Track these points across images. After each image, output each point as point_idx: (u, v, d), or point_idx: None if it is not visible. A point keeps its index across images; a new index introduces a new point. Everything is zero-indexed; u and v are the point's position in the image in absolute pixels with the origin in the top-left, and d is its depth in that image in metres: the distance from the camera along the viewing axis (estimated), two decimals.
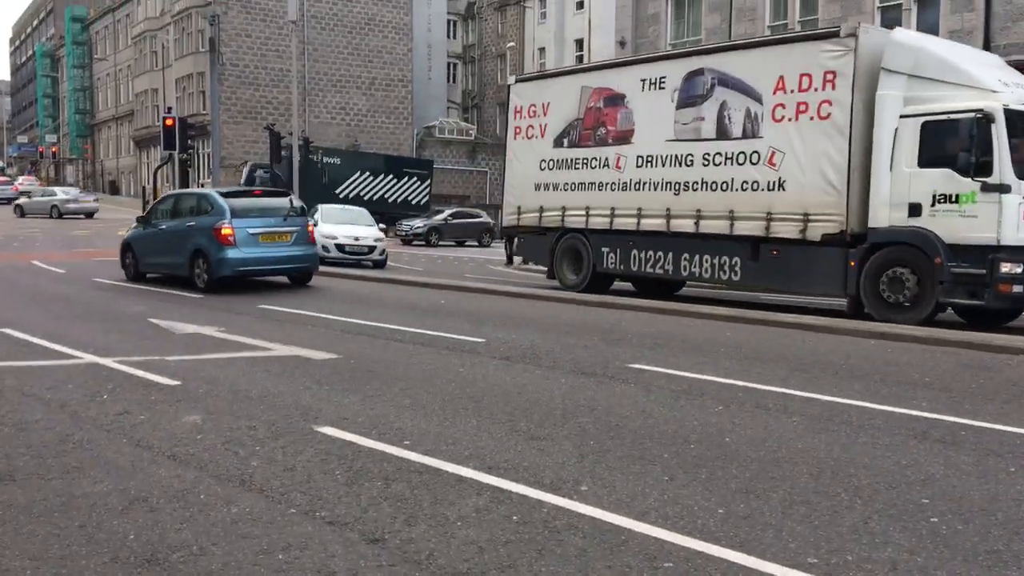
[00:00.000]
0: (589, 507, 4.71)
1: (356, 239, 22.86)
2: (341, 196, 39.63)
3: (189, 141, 28.90)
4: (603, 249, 16.55)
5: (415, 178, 44.26)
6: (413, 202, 43.45)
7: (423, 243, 37.81)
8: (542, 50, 61.27)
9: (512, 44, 59.81)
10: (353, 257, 22.59)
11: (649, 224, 15.62)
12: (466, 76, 71.74)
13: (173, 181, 52.40)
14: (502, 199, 19.13)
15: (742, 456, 5.65)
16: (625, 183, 16.01)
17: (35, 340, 9.82)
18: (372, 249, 23.01)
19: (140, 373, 8.08)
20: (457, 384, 7.79)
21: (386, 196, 43.07)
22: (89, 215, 46.31)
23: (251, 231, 15.04)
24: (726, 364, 8.92)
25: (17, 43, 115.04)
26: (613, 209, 16.21)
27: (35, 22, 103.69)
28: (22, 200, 49.06)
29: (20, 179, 71.47)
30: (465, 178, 63.80)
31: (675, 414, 6.76)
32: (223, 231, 14.80)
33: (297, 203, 16.83)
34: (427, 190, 44.15)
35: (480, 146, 64.42)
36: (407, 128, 61.34)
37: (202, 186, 47.33)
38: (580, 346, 9.91)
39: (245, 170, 42.53)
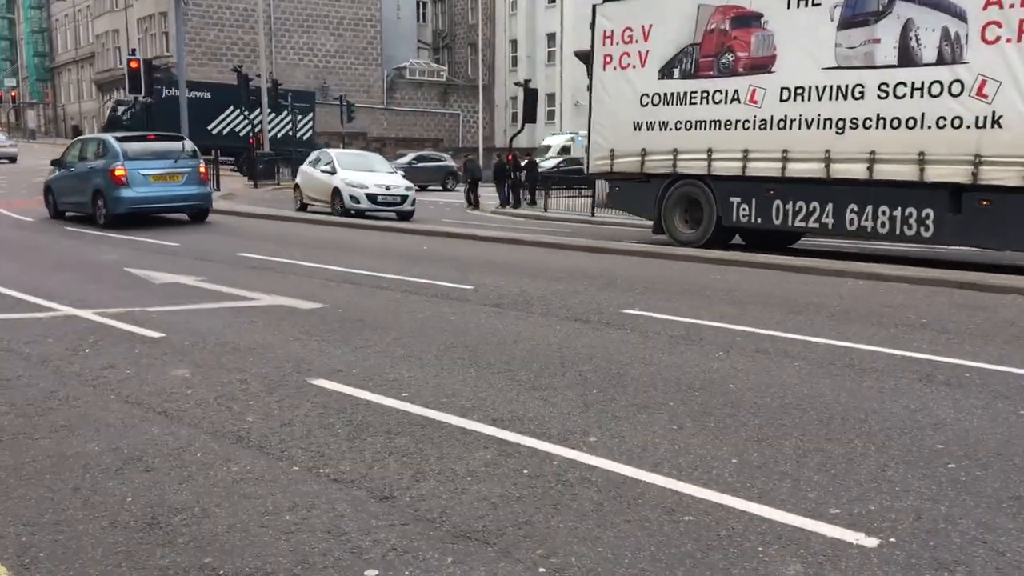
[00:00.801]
0: (600, 459, 4.60)
1: (387, 188, 20.81)
2: (214, 133, 37.44)
3: (155, 84, 28.01)
4: (732, 199, 14.20)
5: (297, 112, 40.64)
6: (298, 137, 39.68)
7: None
8: None
9: None
10: (386, 208, 20.78)
11: (799, 169, 13.21)
12: (436, 15, 70.19)
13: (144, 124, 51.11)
14: (588, 140, 16.69)
15: (748, 403, 5.57)
16: (764, 121, 13.57)
17: (8, 292, 9.50)
18: (404, 199, 21.02)
19: (121, 325, 7.83)
20: (450, 333, 7.63)
21: (220, 130, 39.48)
22: (12, 159, 45.65)
23: (143, 172, 16.51)
24: (720, 308, 8.83)
25: None
26: (746, 152, 13.79)
27: None
28: None
29: None
30: (437, 121, 62.94)
31: (676, 360, 6.66)
32: (116, 172, 16.34)
33: (189, 146, 17.82)
34: (310, 124, 40.69)
35: (451, 88, 63.45)
36: (376, 69, 60.16)
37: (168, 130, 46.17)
38: (571, 292, 9.76)
39: (108, 106, 39.98)
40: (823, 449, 4.73)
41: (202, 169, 17.73)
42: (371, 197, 20.45)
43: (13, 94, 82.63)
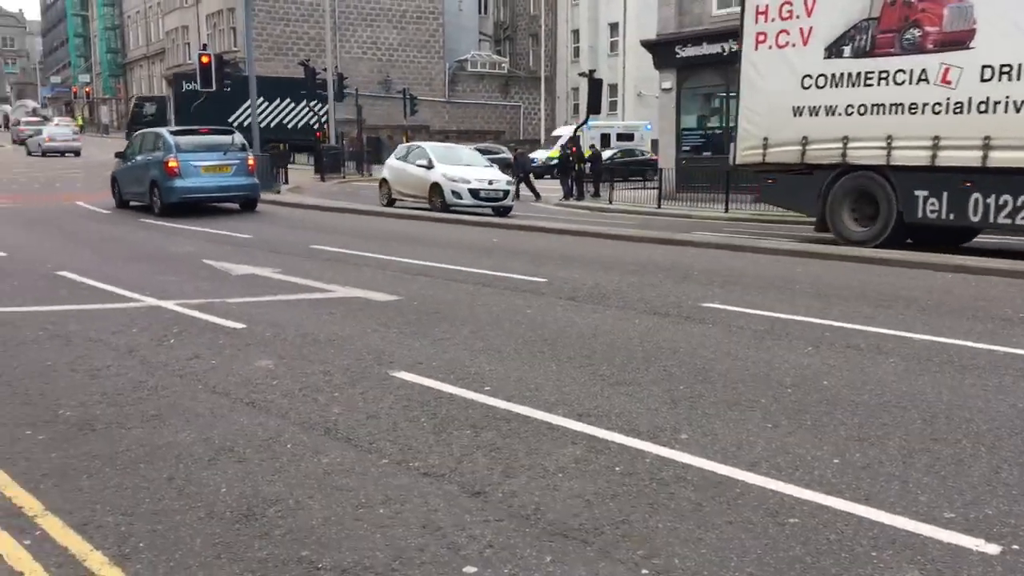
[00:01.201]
0: (693, 457, 4.47)
1: (490, 183, 19.70)
2: (235, 124, 36.19)
3: (225, 79, 28.41)
4: (918, 192, 12.55)
5: (314, 100, 40.19)
6: (315, 126, 39.30)
7: None
8: None
9: None
10: (489, 204, 19.58)
11: (1007, 159, 11.61)
12: (498, 7, 70.14)
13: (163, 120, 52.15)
14: (735, 131, 15.39)
15: (845, 400, 5.37)
16: (959, 104, 11.94)
17: (91, 282, 9.70)
18: (507, 193, 20.12)
19: (203, 316, 7.93)
20: (527, 326, 7.55)
21: (284, 122, 39.76)
22: (76, 153, 46.74)
23: (195, 164, 17.45)
24: (805, 302, 8.59)
25: None
26: (936, 139, 12.19)
27: None
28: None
29: (56, 119, 71.45)
30: (498, 113, 62.94)
31: (763, 356, 6.47)
32: (170, 164, 17.33)
33: (239, 140, 18.95)
34: (325, 114, 41.37)
35: (513, 80, 63.36)
36: (439, 62, 60.39)
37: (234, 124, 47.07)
38: (647, 285, 9.60)
39: (132, 103, 40.45)
40: (930, 450, 4.53)
41: (250, 161, 18.53)
42: (474, 192, 19.42)
43: (87, 90, 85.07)
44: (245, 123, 37.61)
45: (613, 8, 56.16)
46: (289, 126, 38.65)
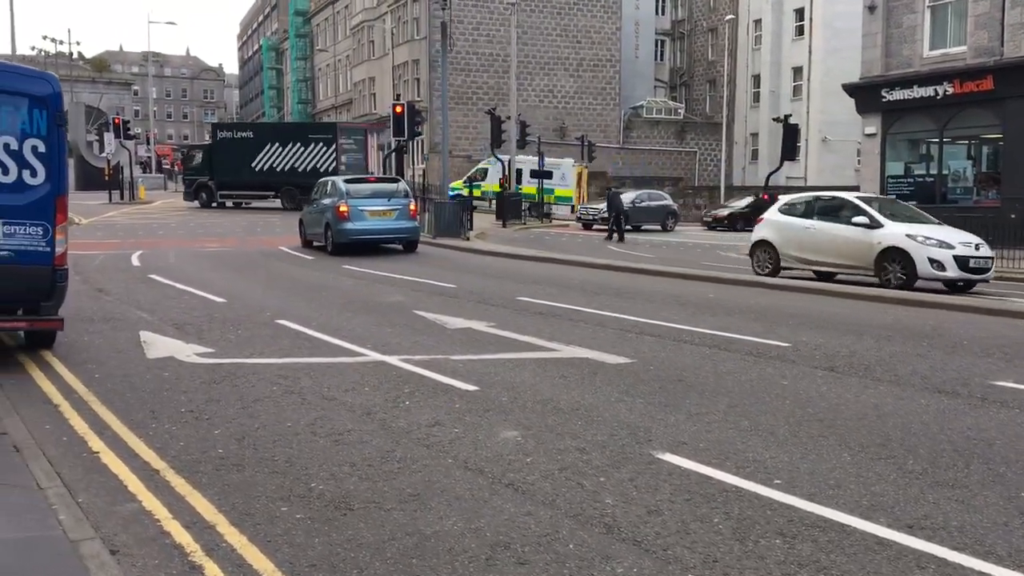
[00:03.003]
0: None
1: (976, 248, 14.37)
2: (257, 169, 39.72)
3: (416, 128, 29.10)
4: None
5: (320, 143, 40.70)
6: (322, 169, 39.15)
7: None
8: (757, 22, 58.18)
9: (732, 17, 57.02)
10: (972, 276, 14.38)
11: None
12: (674, 53, 69.49)
13: (389, 167, 54.04)
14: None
15: None
16: None
17: (312, 333, 9.59)
18: (991, 262, 14.77)
19: (432, 375, 7.54)
20: (792, 401, 6.68)
21: (296, 165, 40.35)
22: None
23: (362, 208, 19.03)
24: None
25: (244, 39, 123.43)
26: None
27: (260, 18, 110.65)
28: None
29: None
30: (673, 159, 61.89)
31: None
32: (341, 208, 18.95)
33: (403, 187, 20.51)
34: (333, 155, 40.03)
35: (689, 125, 62.24)
36: (614, 109, 60.14)
37: (417, 172, 48.46)
38: (913, 355, 8.47)
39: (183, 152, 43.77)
40: None
41: (412, 207, 20.05)
42: (960, 262, 14.03)
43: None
44: (265, 167, 39.68)
45: (797, 52, 54.35)
46: (299, 169, 40.41)
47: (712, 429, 5.97)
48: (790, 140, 27.06)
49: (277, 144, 40.54)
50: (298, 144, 40.85)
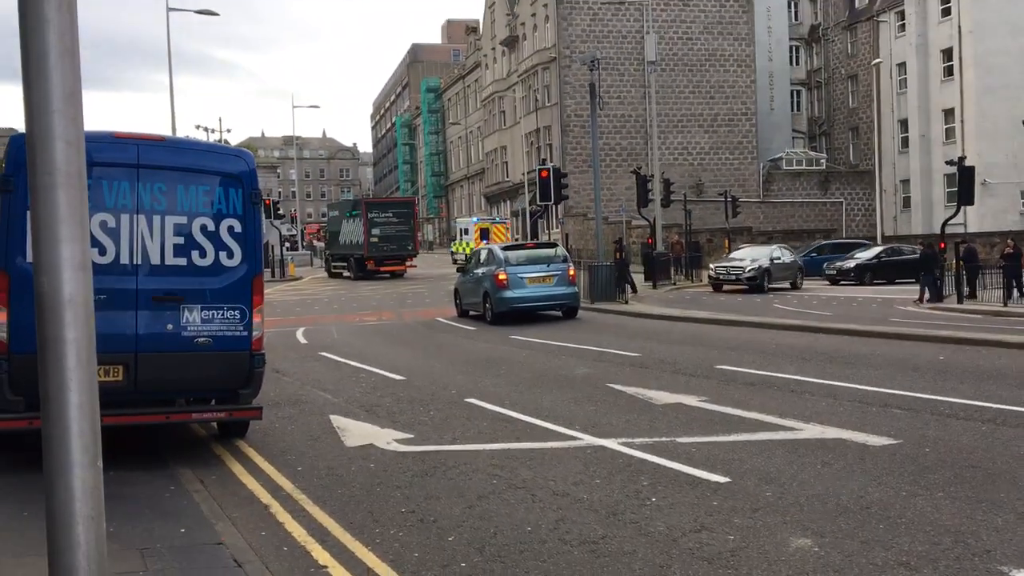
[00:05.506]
0: None
1: None
2: (343, 243, 43.03)
3: (563, 191, 28.58)
4: None
5: (400, 217, 42.98)
6: (353, 242, 42.08)
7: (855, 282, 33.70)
8: (901, 65, 55.66)
9: (879, 61, 54.70)
10: None
11: None
12: (811, 102, 67.32)
13: (522, 232, 53.97)
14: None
15: None
16: None
17: (510, 413, 8.81)
18: None
19: (666, 463, 6.59)
20: None
21: (352, 239, 42.86)
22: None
23: (521, 275, 18.51)
24: None
25: (377, 118, 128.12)
26: None
27: (392, 97, 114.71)
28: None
29: None
30: (817, 210, 59.43)
31: None
32: (500, 276, 18.48)
33: (561, 252, 20.09)
34: (362, 228, 41.33)
35: (833, 175, 59.80)
36: (752, 163, 58.50)
37: (551, 235, 48.16)
38: None
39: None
40: None
41: (571, 272, 19.31)
42: None
43: (415, 211, 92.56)
44: (351, 242, 41.88)
45: (947, 94, 51.53)
46: (342, 241, 43.75)
47: None
48: (966, 183, 25.03)
49: (358, 217, 42.76)
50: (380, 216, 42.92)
